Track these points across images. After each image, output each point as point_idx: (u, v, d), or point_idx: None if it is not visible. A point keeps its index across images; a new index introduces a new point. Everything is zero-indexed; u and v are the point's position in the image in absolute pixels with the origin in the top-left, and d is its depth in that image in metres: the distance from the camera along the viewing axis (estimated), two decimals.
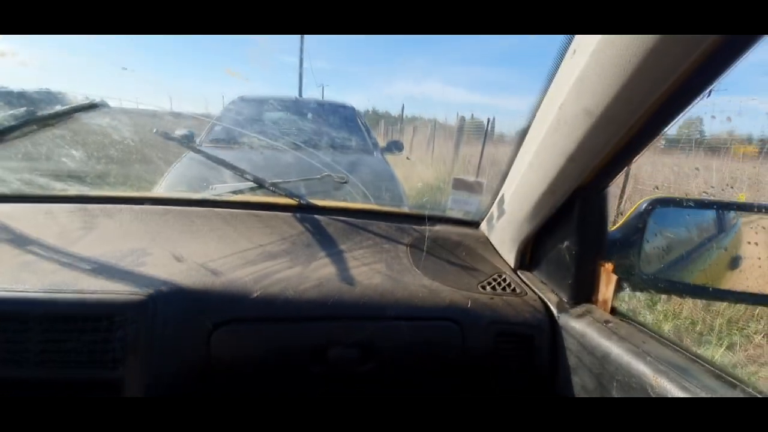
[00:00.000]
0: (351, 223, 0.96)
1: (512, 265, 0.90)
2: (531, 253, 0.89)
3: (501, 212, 0.89)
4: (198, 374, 0.67)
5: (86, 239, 0.79)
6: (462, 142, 7.74)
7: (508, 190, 0.84)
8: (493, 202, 0.96)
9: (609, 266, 0.70)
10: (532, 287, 0.83)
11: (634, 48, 0.45)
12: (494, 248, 0.97)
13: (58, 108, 0.80)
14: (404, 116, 12.55)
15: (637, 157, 0.60)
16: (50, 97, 0.90)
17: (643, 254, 0.71)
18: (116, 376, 0.61)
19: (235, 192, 1.04)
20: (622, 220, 0.76)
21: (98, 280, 0.65)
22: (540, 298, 0.80)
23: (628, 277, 0.70)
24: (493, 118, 7.40)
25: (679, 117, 0.50)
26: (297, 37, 10.31)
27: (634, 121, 0.53)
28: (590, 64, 0.51)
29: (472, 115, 8.49)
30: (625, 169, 0.67)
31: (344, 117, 3.10)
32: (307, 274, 0.76)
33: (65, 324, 0.60)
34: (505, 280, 0.85)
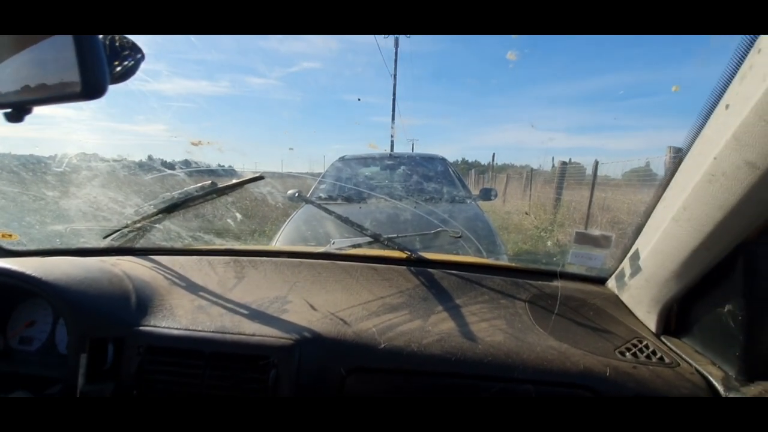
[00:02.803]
0: (464, 277, 0.97)
1: (653, 330, 0.80)
2: (677, 317, 0.78)
3: (636, 269, 0.81)
4: None
5: (239, 287, 0.94)
6: (564, 187, 7.25)
7: (644, 245, 0.77)
8: (623, 258, 0.88)
9: None
10: (685, 357, 0.71)
11: None
12: (628, 309, 0.87)
13: (234, 180, 1.01)
14: (495, 164, 12.40)
15: None
16: (228, 171, 1.16)
17: None
18: None
19: (353, 246, 1.14)
20: None
21: (254, 324, 0.76)
22: (698, 371, 0.68)
23: None
24: (596, 162, 6.82)
25: None
26: (389, 98, 11.23)
27: None
28: (751, 118, 0.47)
29: (570, 159, 7.98)
30: None
31: (435, 167, 3.20)
32: (428, 328, 0.77)
33: (230, 361, 0.71)
34: (647, 346, 0.75)
